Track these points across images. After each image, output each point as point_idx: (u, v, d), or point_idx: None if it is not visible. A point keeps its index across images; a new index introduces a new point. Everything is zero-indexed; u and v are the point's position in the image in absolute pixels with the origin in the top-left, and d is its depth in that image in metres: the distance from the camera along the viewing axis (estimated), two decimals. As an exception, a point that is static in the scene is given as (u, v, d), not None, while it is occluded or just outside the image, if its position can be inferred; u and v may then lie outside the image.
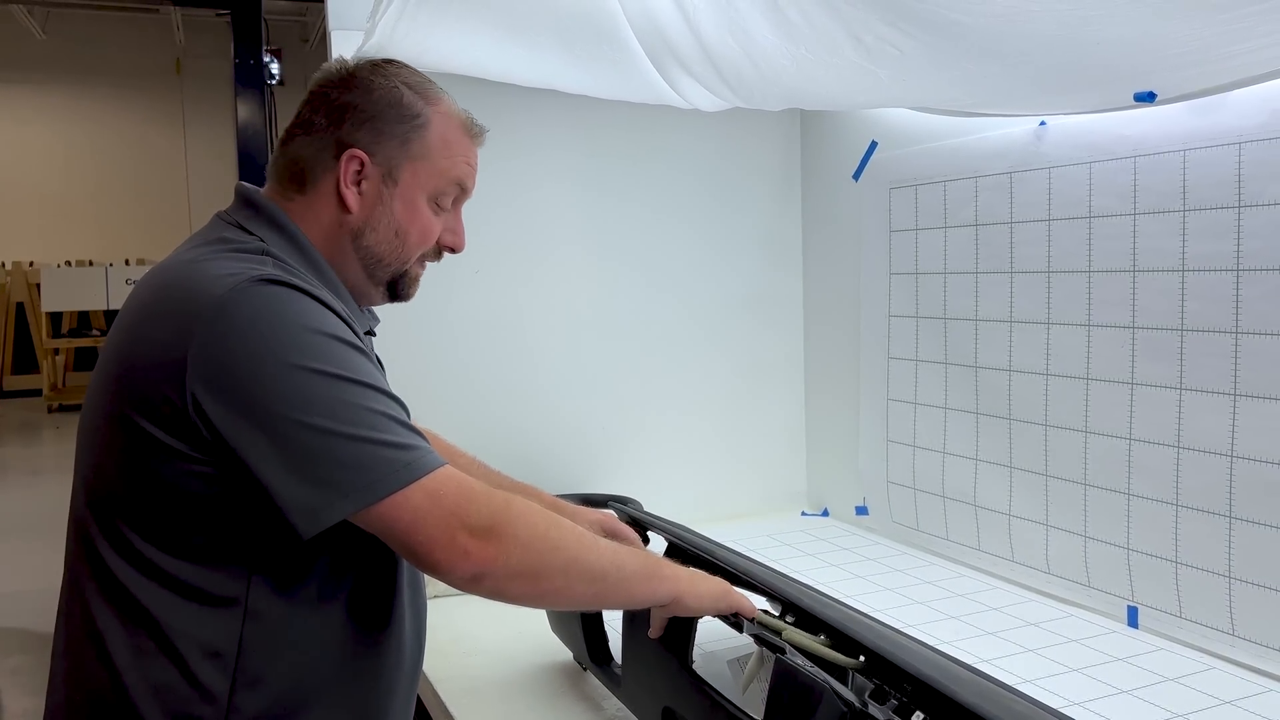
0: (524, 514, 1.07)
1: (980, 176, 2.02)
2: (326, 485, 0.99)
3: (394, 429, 1.03)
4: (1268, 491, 1.54)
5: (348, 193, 1.17)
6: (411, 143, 1.19)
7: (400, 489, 1.00)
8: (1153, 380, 1.70)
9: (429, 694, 1.64)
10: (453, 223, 1.27)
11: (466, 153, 1.24)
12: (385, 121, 1.18)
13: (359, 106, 1.18)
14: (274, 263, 1.10)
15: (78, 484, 1.10)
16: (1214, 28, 1.28)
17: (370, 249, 1.20)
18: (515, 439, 2.27)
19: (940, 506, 2.19)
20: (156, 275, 1.11)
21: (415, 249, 1.23)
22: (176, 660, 1.03)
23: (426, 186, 1.21)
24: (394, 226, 1.20)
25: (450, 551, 1.01)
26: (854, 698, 1.02)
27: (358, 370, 1.03)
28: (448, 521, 1.01)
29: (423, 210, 1.21)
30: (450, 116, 1.23)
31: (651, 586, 1.18)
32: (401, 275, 1.24)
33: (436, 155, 1.20)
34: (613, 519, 1.57)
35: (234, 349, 0.99)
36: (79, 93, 11.06)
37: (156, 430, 1.01)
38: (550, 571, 1.08)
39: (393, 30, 1.70)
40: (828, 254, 2.54)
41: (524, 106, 2.27)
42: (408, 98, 1.20)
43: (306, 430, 0.98)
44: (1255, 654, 1.57)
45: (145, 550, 1.04)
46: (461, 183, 1.24)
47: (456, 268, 2.24)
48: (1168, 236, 1.66)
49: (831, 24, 1.50)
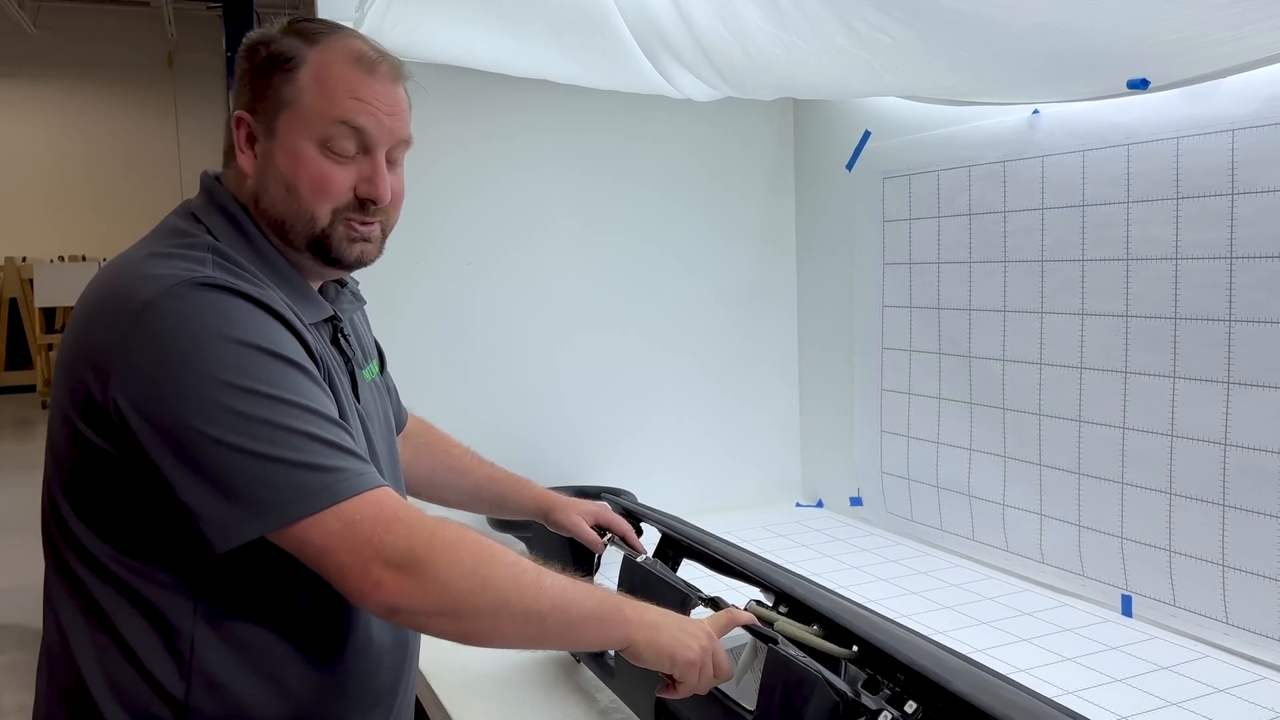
0: (449, 548, 0.99)
1: (973, 165, 2.02)
2: (239, 503, 0.95)
3: (314, 450, 0.97)
4: (1261, 479, 1.54)
5: (241, 157, 1.12)
6: (283, 89, 1.10)
7: (313, 513, 0.96)
8: (1146, 369, 1.70)
9: (423, 688, 1.63)
10: (367, 170, 1.12)
11: (353, 87, 1.10)
12: (261, 75, 1.11)
13: (248, 70, 1.13)
14: (214, 261, 1.05)
15: (44, 480, 1.09)
16: (1207, 14, 1.27)
17: (269, 211, 1.12)
18: (509, 431, 2.27)
19: (934, 497, 2.19)
20: (104, 272, 1.08)
21: (313, 201, 1.11)
22: (132, 658, 1.02)
23: (307, 132, 1.09)
24: (282, 181, 1.10)
25: (363, 581, 0.96)
26: (846, 687, 1.02)
27: (283, 386, 0.98)
28: (360, 550, 0.96)
29: (309, 158, 1.09)
30: (332, 52, 1.10)
31: (604, 631, 1.08)
32: (323, 236, 1.12)
33: (311, 95, 1.09)
34: (606, 510, 1.57)
35: (154, 358, 0.96)
36: (71, 87, 11.01)
37: (89, 432, 1.00)
38: (474, 612, 1.00)
39: (382, 20, 1.70)
40: (821, 244, 2.54)
41: (515, 97, 2.26)
42: (285, 43, 1.11)
43: (220, 447, 0.95)
44: (1249, 642, 1.57)
45: (97, 549, 1.02)
46: (349, 120, 1.09)
47: (449, 260, 2.25)
48: (1161, 224, 1.65)
49: (824, 12, 1.49)
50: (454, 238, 2.26)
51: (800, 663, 1.06)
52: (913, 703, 1.01)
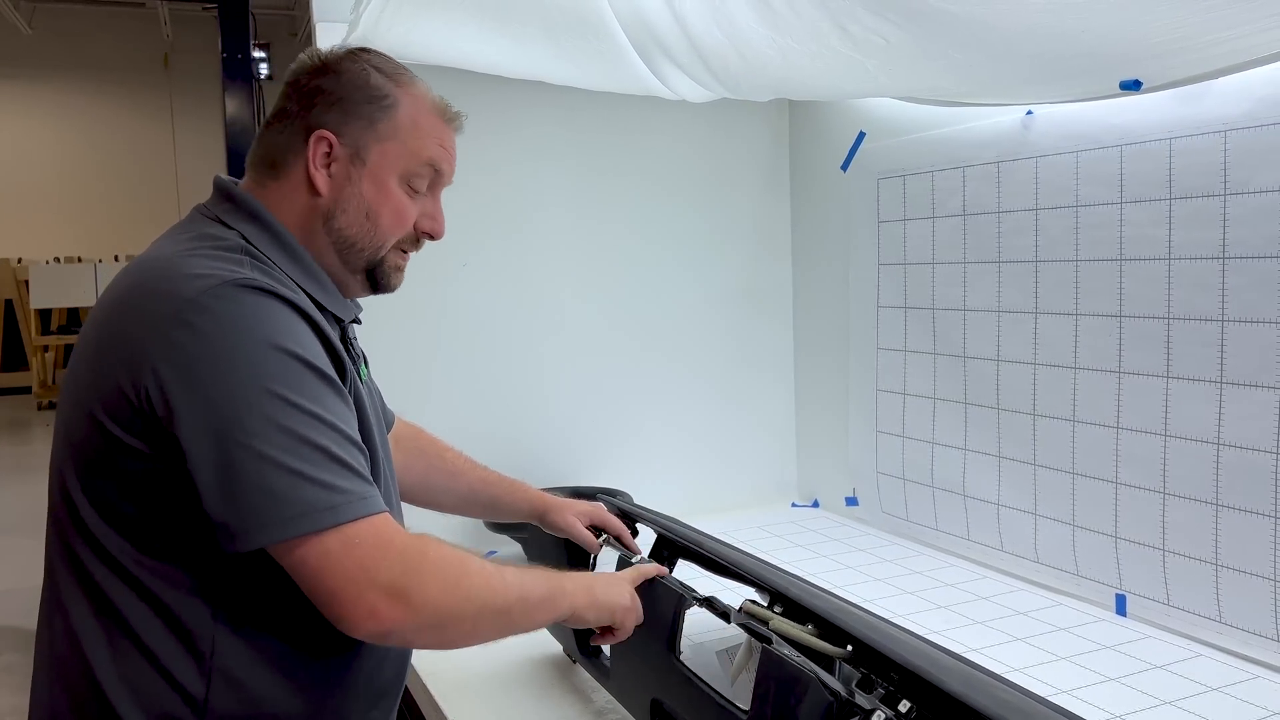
0: (437, 567, 1.04)
1: (968, 166, 2.02)
2: (246, 511, 0.96)
3: (328, 467, 0.99)
4: (1254, 478, 1.54)
5: (317, 175, 1.15)
6: (379, 123, 1.17)
7: (316, 531, 0.97)
8: (1140, 369, 1.71)
9: (419, 688, 1.63)
10: (430, 208, 1.24)
11: (439, 134, 1.21)
12: (353, 103, 1.16)
13: (328, 90, 1.17)
14: (251, 263, 1.08)
15: (53, 479, 1.09)
16: (1199, 15, 1.28)
17: (341, 231, 1.17)
18: (505, 432, 2.27)
19: (929, 497, 2.19)
20: (133, 270, 1.09)
21: (388, 232, 1.19)
22: (151, 659, 1.02)
23: (396, 167, 1.18)
24: (364, 208, 1.17)
25: (355, 609, 0.98)
26: (840, 687, 1.02)
27: (313, 398, 1.01)
28: (356, 576, 0.98)
29: (394, 192, 1.18)
30: (421, 99, 1.20)
31: (554, 608, 1.18)
32: (379, 262, 1.20)
33: (405, 135, 1.18)
34: (601, 511, 1.57)
35: (196, 355, 0.98)
36: (67, 88, 11.00)
37: (116, 428, 1.00)
38: (458, 619, 1.06)
39: (376, 22, 1.70)
40: (816, 245, 2.54)
41: (510, 98, 2.26)
42: (375, 79, 1.18)
43: (242, 450, 0.96)
44: (1242, 641, 1.58)
45: (116, 548, 1.03)
46: (434, 164, 1.21)
47: (445, 262, 2.25)
48: (1154, 225, 1.66)
49: (817, 13, 1.49)
50: (449, 239, 2.23)
51: (794, 662, 1.06)
52: (906, 702, 1.01)
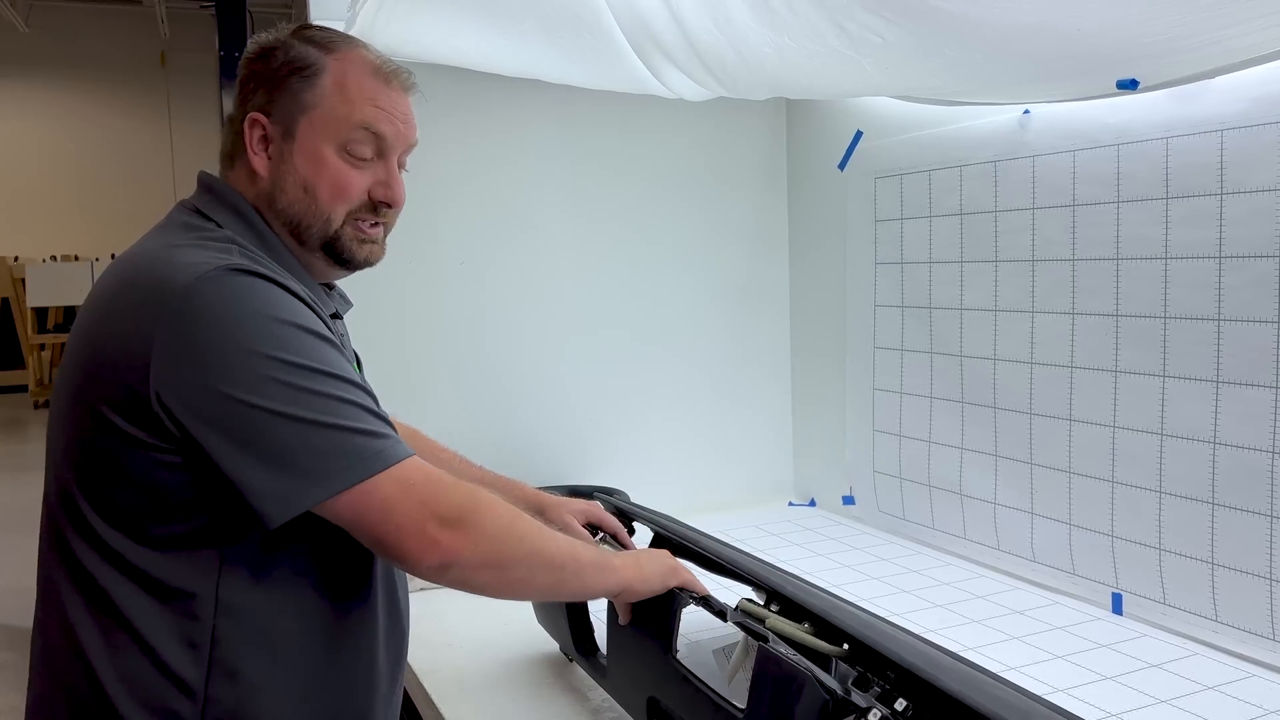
0: (490, 505, 1.09)
1: (965, 165, 2.02)
2: (297, 473, 0.99)
3: (364, 418, 1.03)
4: (1250, 478, 1.54)
5: (255, 158, 1.15)
6: (302, 94, 1.15)
7: (371, 476, 1.01)
8: (1136, 368, 1.71)
9: (415, 687, 1.63)
10: (382, 174, 1.19)
11: (373, 96, 1.17)
12: (279, 79, 1.15)
13: (260, 73, 1.17)
14: (239, 250, 1.09)
15: (49, 476, 1.09)
16: (1195, 15, 1.28)
17: (285, 210, 1.16)
18: (501, 430, 2.27)
19: (926, 496, 2.19)
20: (122, 264, 1.10)
21: (330, 203, 1.16)
22: (149, 653, 1.03)
23: (327, 135, 1.15)
24: (300, 182, 1.15)
25: (420, 541, 1.02)
26: (836, 685, 1.02)
27: (326, 361, 1.03)
28: (418, 511, 1.02)
29: (330, 161, 1.15)
30: (352, 61, 1.17)
31: (604, 577, 1.22)
32: (335, 237, 1.18)
33: (332, 101, 1.15)
34: (598, 509, 1.57)
35: (199, 341, 0.99)
36: (63, 86, 10.97)
37: (121, 421, 1.00)
38: (514, 562, 1.10)
39: (373, 20, 1.70)
40: (814, 244, 2.54)
41: (507, 96, 2.26)
42: (301, 50, 1.16)
43: (276, 418, 0.98)
44: (1238, 639, 1.58)
45: (115, 542, 1.03)
46: (369, 126, 1.16)
47: (441, 260, 2.25)
48: (1151, 224, 1.66)
49: (814, 12, 1.49)
50: (446, 237, 2.25)
51: (791, 660, 1.06)
52: (903, 700, 1.01)
